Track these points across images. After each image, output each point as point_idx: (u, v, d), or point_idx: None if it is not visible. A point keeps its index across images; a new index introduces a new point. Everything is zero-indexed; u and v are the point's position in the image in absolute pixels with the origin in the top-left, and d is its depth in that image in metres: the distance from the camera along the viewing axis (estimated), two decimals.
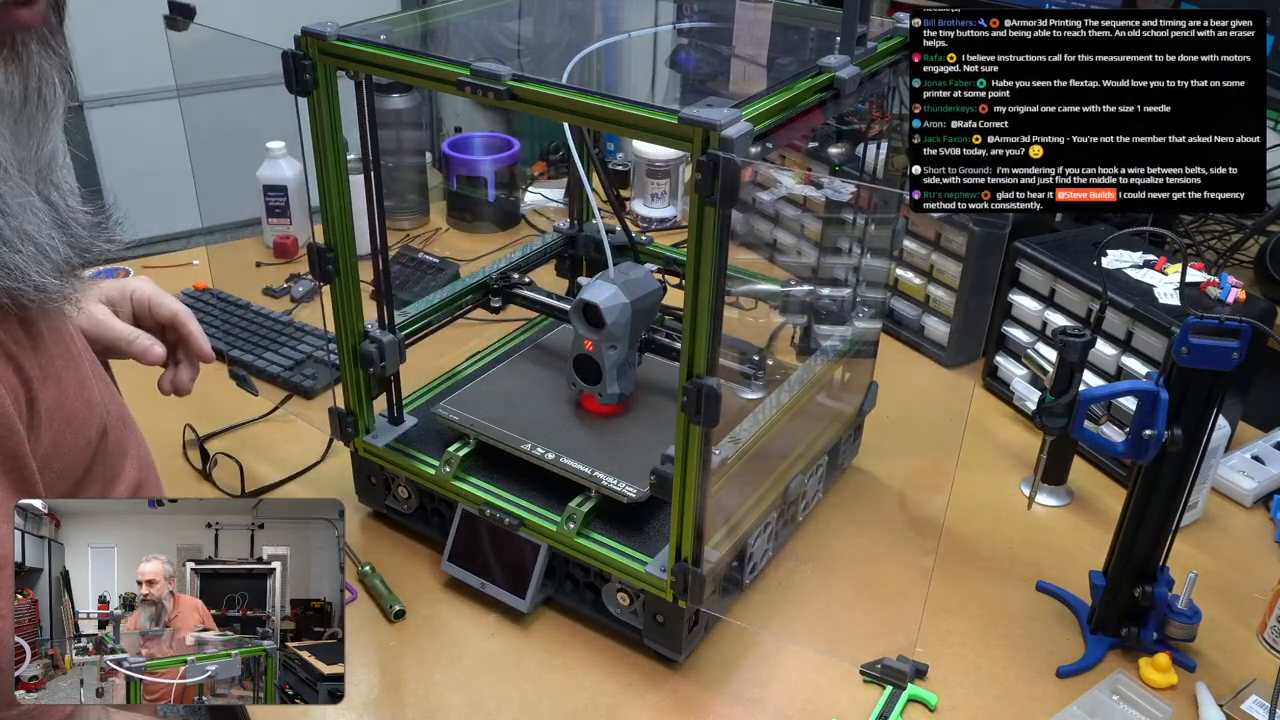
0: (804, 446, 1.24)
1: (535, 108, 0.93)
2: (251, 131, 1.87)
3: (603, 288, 1.14)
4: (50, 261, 0.69)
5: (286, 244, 1.87)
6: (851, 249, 1.35)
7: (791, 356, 1.32)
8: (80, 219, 0.74)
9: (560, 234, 1.52)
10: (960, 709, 1.06)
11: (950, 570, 1.23)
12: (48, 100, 0.69)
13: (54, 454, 0.77)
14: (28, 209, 0.68)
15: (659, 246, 1.45)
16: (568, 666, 1.10)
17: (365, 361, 1.18)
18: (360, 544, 1.26)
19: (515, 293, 1.38)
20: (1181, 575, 1.11)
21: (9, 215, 0.66)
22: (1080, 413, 1.06)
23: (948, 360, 1.62)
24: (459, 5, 1.24)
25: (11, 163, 0.67)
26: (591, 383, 1.18)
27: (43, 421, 0.74)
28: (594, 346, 1.15)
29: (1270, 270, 1.60)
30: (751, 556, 1.16)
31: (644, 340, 1.21)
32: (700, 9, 1.47)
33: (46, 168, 0.70)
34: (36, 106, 0.68)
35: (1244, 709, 1.05)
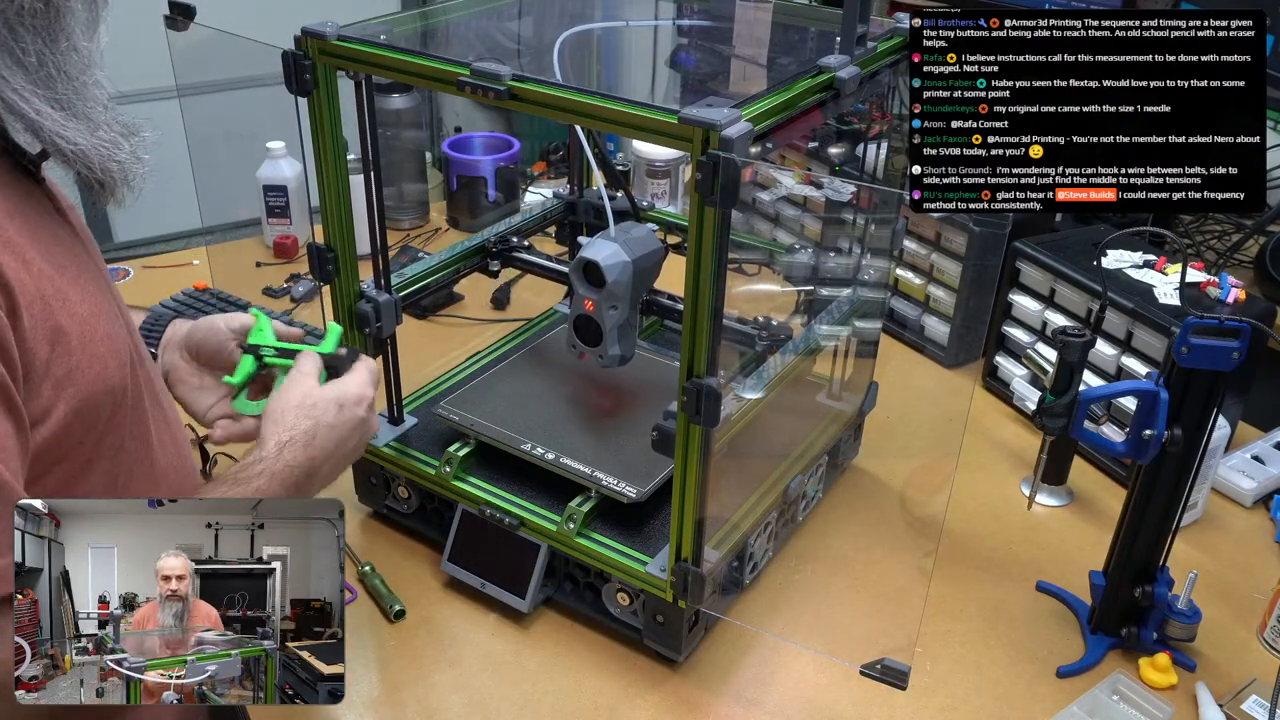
0: (804, 446, 1.24)
1: (535, 108, 0.93)
2: (251, 131, 1.87)
3: (604, 245, 1.10)
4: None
5: (286, 244, 1.87)
6: (851, 249, 1.35)
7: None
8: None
9: (560, 199, 1.50)
10: (960, 709, 1.06)
11: (950, 570, 1.23)
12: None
13: (64, 375, 0.73)
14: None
15: (661, 211, 1.43)
16: (568, 667, 1.10)
17: (361, 322, 1.16)
18: (360, 544, 1.26)
19: (513, 255, 1.36)
20: (1181, 575, 1.11)
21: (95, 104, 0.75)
22: (1080, 413, 1.06)
23: (948, 360, 1.62)
24: (459, 5, 1.24)
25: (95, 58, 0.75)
26: (592, 344, 1.14)
27: (24, 315, 0.70)
28: (594, 307, 1.11)
29: (1270, 270, 1.60)
30: (751, 556, 1.16)
31: (645, 301, 1.18)
32: (700, 8, 1.47)
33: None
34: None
35: (1244, 709, 1.05)
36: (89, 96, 0.74)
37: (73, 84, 0.73)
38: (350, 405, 0.93)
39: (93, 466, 0.78)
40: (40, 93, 0.71)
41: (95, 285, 0.79)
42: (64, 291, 0.74)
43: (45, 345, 0.71)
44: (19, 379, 0.69)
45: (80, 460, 0.77)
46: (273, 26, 1.02)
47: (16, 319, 0.68)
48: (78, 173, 0.76)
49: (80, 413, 0.74)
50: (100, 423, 0.77)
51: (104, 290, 0.81)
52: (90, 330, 0.75)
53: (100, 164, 0.75)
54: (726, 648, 1.13)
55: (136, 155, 0.78)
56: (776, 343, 1.15)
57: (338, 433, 0.91)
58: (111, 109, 0.77)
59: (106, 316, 0.78)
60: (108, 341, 0.77)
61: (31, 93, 0.70)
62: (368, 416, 0.94)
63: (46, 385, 0.71)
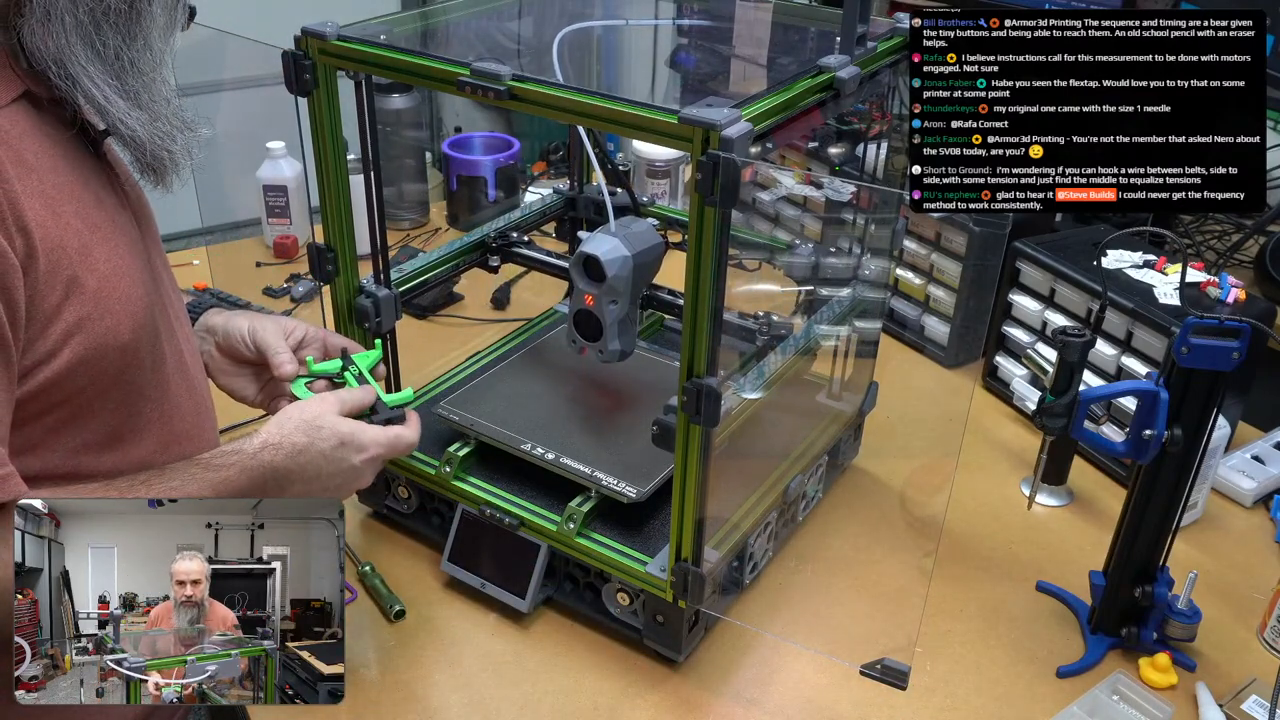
0: (804, 446, 1.24)
1: (535, 108, 0.93)
2: (251, 131, 1.87)
3: (604, 240, 1.09)
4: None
5: (286, 244, 1.87)
6: (851, 249, 1.35)
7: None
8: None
9: (560, 195, 1.50)
10: (960, 709, 1.06)
11: (950, 570, 1.23)
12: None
13: (75, 322, 0.76)
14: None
15: (661, 208, 1.43)
16: (568, 667, 1.10)
17: (360, 317, 1.16)
18: (360, 544, 1.26)
19: (513, 251, 1.36)
20: (1181, 575, 1.11)
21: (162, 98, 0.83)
22: (1080, 413, 1.06)
23: (948, 360, 1.62)
24: (459, 5, 1.24)
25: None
26: (592, 339, 1.13)
27: (41, 259, 0.74)
28: (594, 301, 1.10)
29: (1270, 270, 1.60)
30: (751, 556, 1.16)
31: (645, 296, 1.17)
32: (700, 8, 1.47)
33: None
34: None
35: (1244, 709, 1.05)
36: (155, 91, 0.82)
37: (142, 78, 0.80)
38: (351, 448, 0.93)
39: (92, 415, 0.82)
40: (112, 83, 0.79)
41: (128, 250, 0.83)
42: (89, 247, 0.78)
43: (59, 291, 0.75)
44: (19, 321, 0.73)
45: (78, 405, 0.80)
46: (273, 26, 1.02)
47: (33, 261, 0.73)
48: (134, 155, 0.83)
49: (86, 361, 0.78)
50: (106, 376, 0.81)
51: (136, 257, 0.84)
52: (109, 288, 0.79)
53: (153, 151, 0.83)
54: (726, 648, 1.13)
55: (188, 149, 0.86)
56: (777, 339, 1.15)
57: (326, 464, 0.92)
58: (175, 104, 0.84)
59: (130, 280, 0.81)
60: (125, 303, 0.80)
61: (104, 82, 0.78)
62: (361, 468, 0.94)
63: (56, 328, 0.76)
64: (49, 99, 0.79)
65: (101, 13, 0.76)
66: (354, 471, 0.94)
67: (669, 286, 1.21)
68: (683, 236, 1.24)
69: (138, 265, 0.83)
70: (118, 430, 0.84)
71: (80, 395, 0.80)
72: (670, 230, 1.36)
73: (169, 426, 0.89)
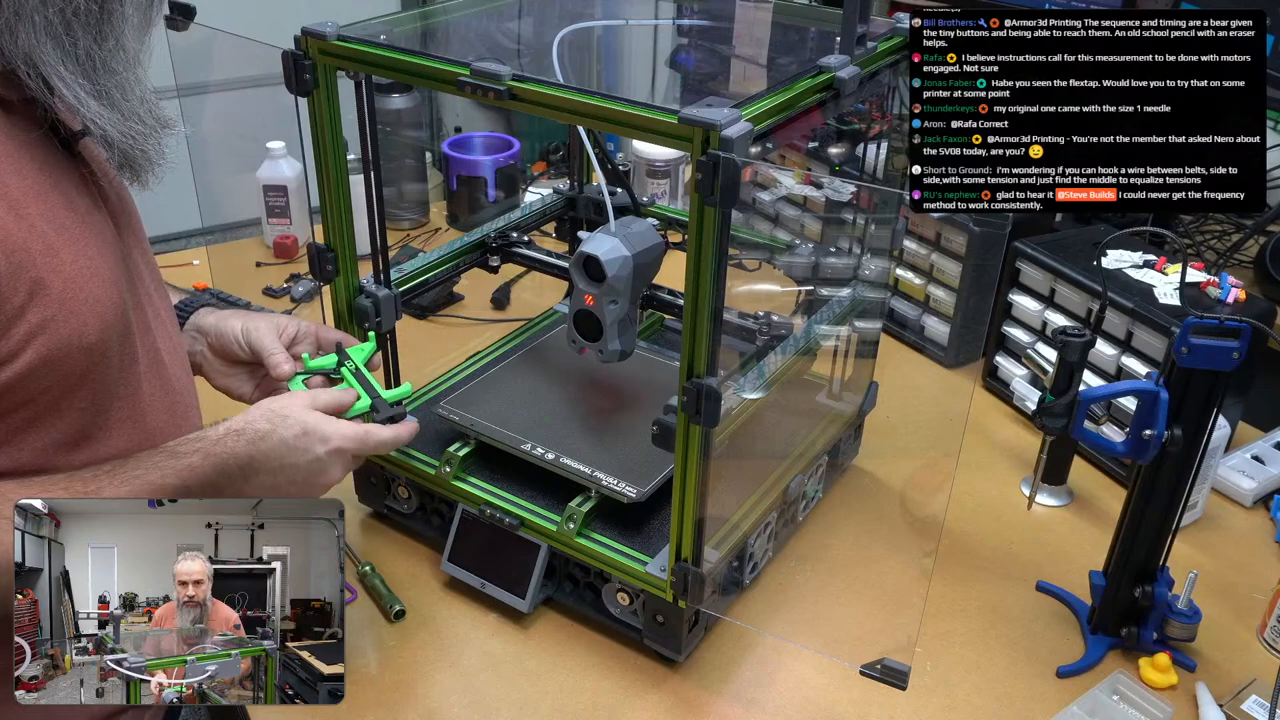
0: (804, 446, 1.24)
1: (535, 108, 0.93)
2: (251, 131, 1.87)
3: (604, 240, 1.09)
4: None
5: (286, 244, 1.87)
6: (851, 249, 1.35)
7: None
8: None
9: (560, 195, 1.50)
10: (960, 709, 1.06)
11: (950, 570, 1.23)
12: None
13: (38, 323, 0.76)
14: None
15: (661, 208, 1.43)
16: (568, 666, 1.10)
17: (360, 317, 1.16)
18: (360, 544, 1.26)
19: (513, 251, 1.36)
20: (1181, 575, 1.11)
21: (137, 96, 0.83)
22: (1080, 413, 1.06)
23: (948, 360, 1.62)
24: (459, 5, 1.24)
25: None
26: (592, 339, 1.13)
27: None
28: (594, 301, 1.10)
29: (1270, 270, 1.60)
30: (751, 556, 1.16)
31: (645, 296, 1.17)
32: (700, 8, 1.47)
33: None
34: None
35: (1244, 709, 1.05)
36: (129, 90, 0.81)
37: (115, 78, 0.80)
38: (314, 438, 0.93)
39: (59, 414, 0.81)
40: (83, 83, 0.78)
41: (99, 251, 0.82)
42: (56, 249, 0.78)
43: (22, 293, 0.75)
44: None
45: (44, 405, 0.80)
46: (273, 26, 1.02)
47: None
48: (109, 154, 0.83)
49: (50, 362, 0.78)
50: (71, 376, 0.80)
51: (108, 257, 0.84)
52: (75, 289, 0.78)
53: (125, 150, 0.82)
54: (726, 648, 1.13)
55: (160, 148, 0.85)
56: (777, 339, 1.15)
57: (289, 453, 0.91)
58: (150, 102, 0.84)
59: (98, 281, 0.81)
60: (92, 304, 0.80)
61: (76, 82, 0.78)
62: (326, 460, 0.94)
63: (19, 330, 0.75)
64: (20, 99, 0.79)
65: (71, 13, 0.76)
66: (319, 463, 0.93)
67: (669, 286, 1.21)
68: (683, 236, 1.24)
69: (109, 266, 0.83)
70: (86, 429, 0.84)
71: (45, 395, 0.79)
72: (670, 230, 1.36)
73: (141, 425, 0.89)
